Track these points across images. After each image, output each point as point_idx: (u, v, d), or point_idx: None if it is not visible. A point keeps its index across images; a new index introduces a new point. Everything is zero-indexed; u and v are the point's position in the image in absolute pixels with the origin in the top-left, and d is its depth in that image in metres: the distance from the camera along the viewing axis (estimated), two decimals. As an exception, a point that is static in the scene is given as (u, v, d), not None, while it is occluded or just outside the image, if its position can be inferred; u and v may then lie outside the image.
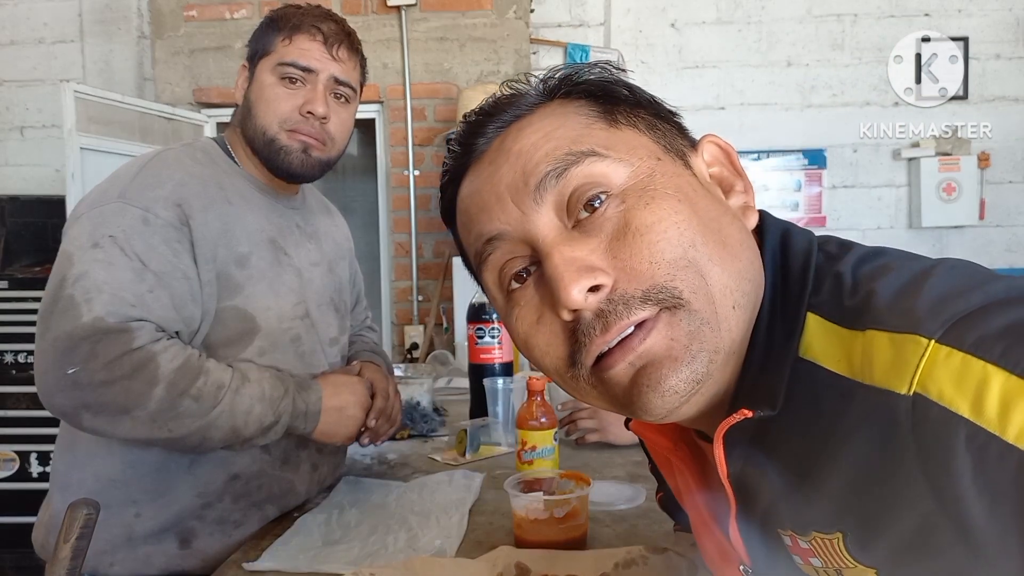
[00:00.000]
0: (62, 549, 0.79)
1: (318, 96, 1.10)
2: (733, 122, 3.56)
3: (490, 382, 1.53)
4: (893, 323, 0.42)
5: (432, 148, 3.35)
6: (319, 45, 1.11)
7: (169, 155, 1.09)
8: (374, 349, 1.38)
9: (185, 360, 0.96)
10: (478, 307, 1.64)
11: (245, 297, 1.05)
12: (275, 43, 1.10)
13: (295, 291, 1.12)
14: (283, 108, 1.10)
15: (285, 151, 1.11)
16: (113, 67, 3.50)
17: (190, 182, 1.04)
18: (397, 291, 3.43)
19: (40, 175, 3.48)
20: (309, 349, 1.13)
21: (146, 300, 0.96)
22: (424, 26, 3.30)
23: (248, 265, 1.06)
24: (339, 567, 0.90)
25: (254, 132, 1.12)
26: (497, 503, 1.11)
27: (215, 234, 1.03)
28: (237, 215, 1.07)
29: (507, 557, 0.84)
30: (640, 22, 3.54)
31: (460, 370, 2.45)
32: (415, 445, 1.51)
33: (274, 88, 1.10)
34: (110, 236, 0.96)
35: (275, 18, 1.13)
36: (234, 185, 1.11)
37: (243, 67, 1.16)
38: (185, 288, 1.00)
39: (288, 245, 1.14)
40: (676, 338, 0.46)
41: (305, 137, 1.11)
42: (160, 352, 0.94)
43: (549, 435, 1.17)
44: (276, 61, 1.10)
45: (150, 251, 0.97)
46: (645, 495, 1.12)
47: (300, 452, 1.13)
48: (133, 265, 0.96)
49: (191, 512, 1.05)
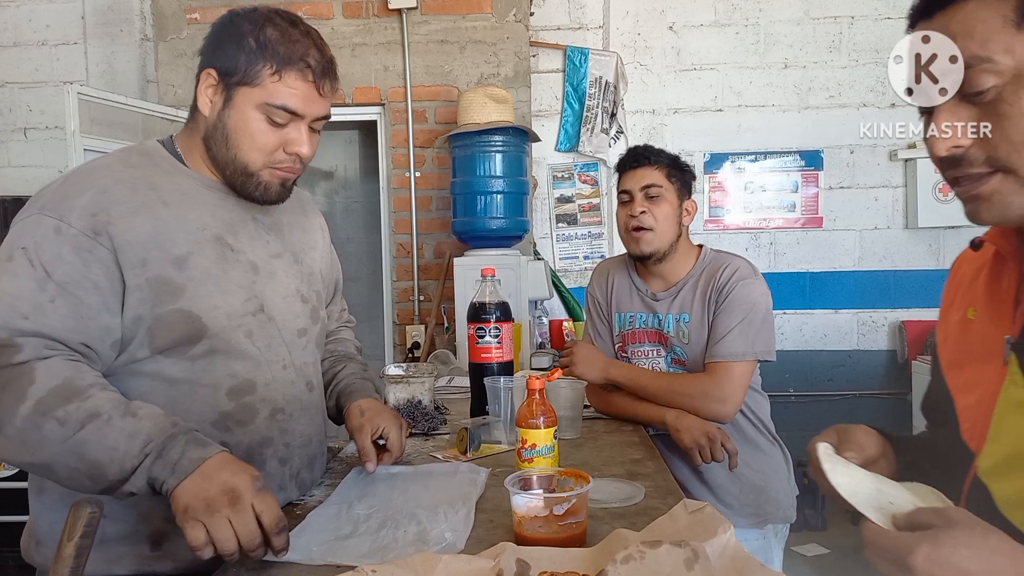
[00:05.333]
0: (66, 547, 0.79)
1: (304, 138, 1.09)
2: (731, 123, 3.58)
3: (490, 381, 1.54)
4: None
5: (433, 150, 3.37)
6: (309, 86, 1.07)
7: (99, 162, 1.07)
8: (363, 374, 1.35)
9: (64, 381, 0.91)
10: (478, 307, 1.65)
11: (188, 298, 1.02)
12: (262, 76, 1.05)
13: (245, 287, 1.09)
14: (269, 146, 1.08)
15: (265, 186, 1.11)
16: (116, 69, 3.52)
17: (115, 188, 1.02)
18: (399, 291, 3.45)
19: (43, 176, 3.50)
20: (266, 344, 1.10)
21: (44, 310, 0.94)
22: (425, 29, 3.32)
23: (188, 266, 1.03)
24: (351, 560, 0.92)
25: (229, 161, 1.09)
26: (498, 501, 1.12)
27: (144, 238, 1.01)
28: (173, 216, 1.04)
29: (507, 554, 0.85)
30: (639, 24, 3.56)
31: (461, 369, 2.46)
32: (416, 443, 1.53)
33: (259, 124, 1.07)
34: (22, 248, 0.96)
35: (260, 40, 1.05)
36: (174, 184, 1.08)
37: (209, 75, 1.08)
38: (95, 298, 0.97)
39: (239, 240, 1.11)
40: (999, 191, 0.67)
41: (285, 173, 1.11)
42: (39, 368, 0.91)
43: (549, 433, 1.19)
44: (264, 100, 1.05)
45: (57, 260, 0.96)
46: (644, 493, 1.14)
47: (264, 450, 1.10)
48: (36, 275, 0.95)
49: (159, 513, 1.02)
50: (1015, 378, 0.71)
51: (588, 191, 3.64)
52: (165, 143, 1.15)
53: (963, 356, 0.82)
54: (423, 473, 1.27)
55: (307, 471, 1.21)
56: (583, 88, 3.54)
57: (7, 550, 2.78)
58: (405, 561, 0.86)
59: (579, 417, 1.59)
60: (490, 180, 2.93)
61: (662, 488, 1.18)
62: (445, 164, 3.32)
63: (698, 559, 0.76)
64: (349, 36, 3.27)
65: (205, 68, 1.09)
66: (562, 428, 1.35)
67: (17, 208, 1.05)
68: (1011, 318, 0.74)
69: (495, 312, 1.65)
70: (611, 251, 3.62)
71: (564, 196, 3.65)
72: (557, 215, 3.65)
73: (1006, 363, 0.73)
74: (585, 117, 3.55)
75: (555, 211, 3.65)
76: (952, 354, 0.85)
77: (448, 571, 0.84)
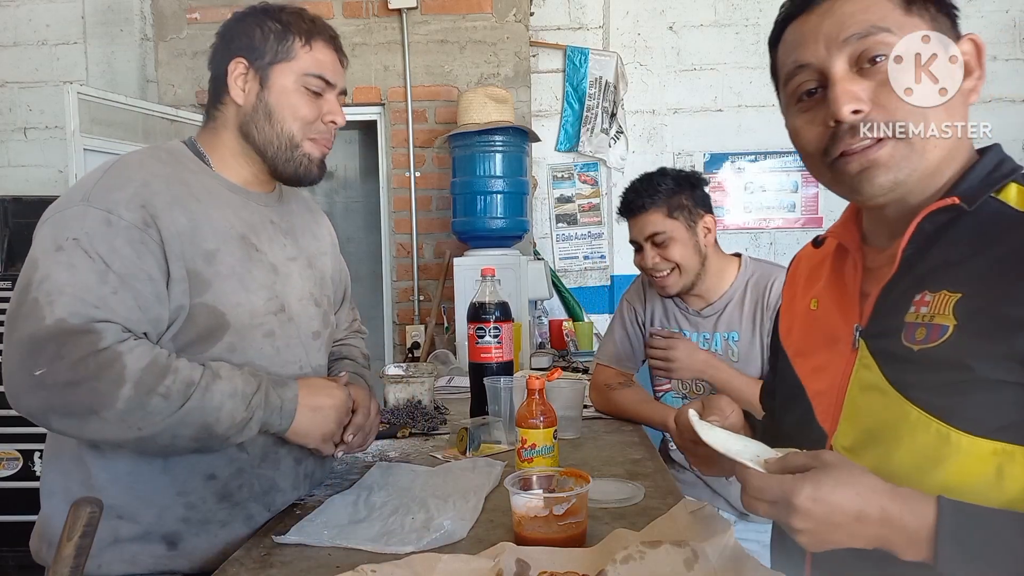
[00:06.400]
0: (66, 547, 0.80)
1: (338, 107, 1.16)
2: (731, 124, 3.58)
3: (490, 381, 1.54)
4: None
5: (433, 150, 3.37)
6: (334, 54, 1.15)
7: (133, 158, 1.09)
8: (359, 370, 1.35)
9: (152, 359, 0.96)
10: (478, 307, 1.65)
11: (214, 293, 1.04)
12: (295, 49, 1.12)
13: (267, 287, 1.11)
14: (310, 116, 1.13)
15: (308, 158, 1.15)
16: (116, 69, 3.52)
17: (153, 182, 1.04)
18: (399, 291, 3.45)
19: (43, 176, 3.50)
20: (285, 344, 1.13)
21: (109, 301, 0.96)
22: (425, 29, 3.32)
23: (215, 262, 1.05)
24: (359, 543, 0.96)
25: (274, 137, 1.12)
26: (498, 500, 1.12)
27: (182, 231, 1.03)
28: (204, 212, 1.07)
29: (507, 554, 0.85)
30: (639, 25, 3.56)
31: (461, 369, 2.46)
32: (416, 443, 1.53)
33: (300, 96, 1.12)
34: (73, 239, 0.97)
35: (285, 23, 1.13)
36: (200, 183, 1.10)
37: (239, 64, 1.11)
38: (149, 289, 0.99)
39: (261, 241, 1.13)
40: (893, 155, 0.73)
41: (324, 146, 1.16)
42: (126, 352, 0.94)
43: (549, 433, 1.19)
44: (301, 71, 1.12)
45: (113, 253, 0.97)
46: (644, 492, 1.14)
47: (279, 449, 1.12)
48: (96, 267, 0.96)
49: (175, 514, 1.04)
50: (865, 361, 0.77)
51: (588, 191, 3.64)
52: (188, 144, 1.17)
53: (809, 346, 0.89)
54: (443, 469, 1.30)
55: (319, 471, 1.24)
56: (583, 88, 3.54)
57: (7, 550, 2.78)
58: (405, 561, 0.86)
59: (579, 417, 1.59)
60: (490, 180, 2.93)
61: (662, 488, 1.18)
62: (445, 164, 3.32)
63: (698, 559, 0.76)
64: (349, 36, 3.28)
65: (232, 59, 1.12)
66: (562, 428, 1.35)
67: (17, 208, 1.06)
68: (858, 308, 0.81)
69: (495, 312, 1.65)
70: (611, 252, 3.62)
71: (564, 196, 3.65)
72: (557, 215, 3.65)
73: (855, 349, 0.79)
74: (585, 117, 3.55)
75: (555, 211, 3.65)
76: (798, 344, 0.92)
77: (448, 571, 0.85)
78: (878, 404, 0.75)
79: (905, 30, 0.72)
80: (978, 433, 0.67)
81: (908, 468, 0.71)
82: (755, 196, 3.62)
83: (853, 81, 0.73)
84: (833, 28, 0.74)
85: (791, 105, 0.81)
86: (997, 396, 0.67)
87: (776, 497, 0.65)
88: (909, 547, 0.63)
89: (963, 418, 0.68)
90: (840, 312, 0.84)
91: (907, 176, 0.74)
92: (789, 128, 0.82)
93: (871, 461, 0.72)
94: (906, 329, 0.73)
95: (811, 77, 0.77)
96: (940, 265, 0.73)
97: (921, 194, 0.76)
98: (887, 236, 0.81)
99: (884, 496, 0.64)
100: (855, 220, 0.87)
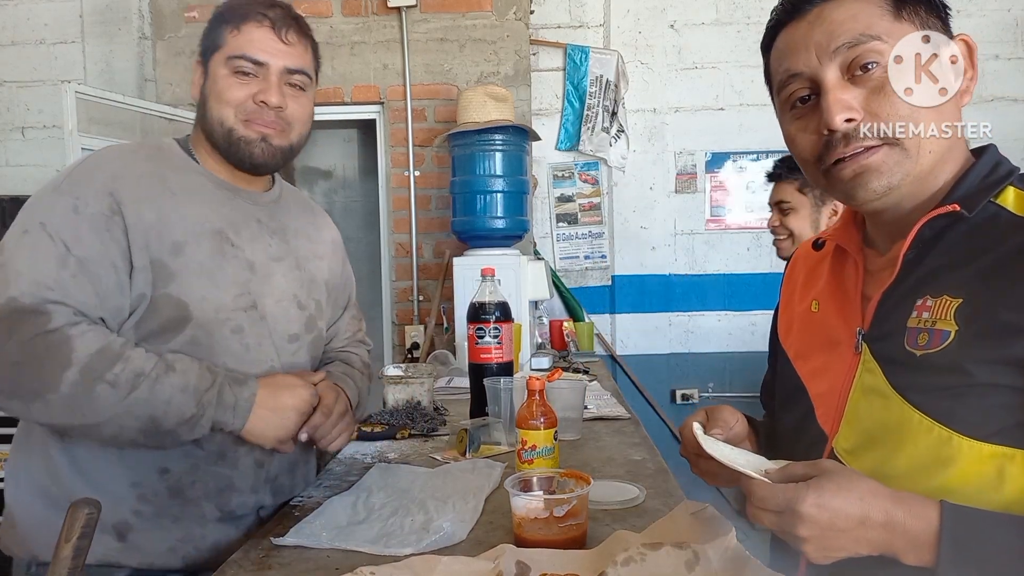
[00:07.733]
0: (63, 548, 0.79)
1: (271, 86, 1.11)
2: (732, 122, 3.57)
3: (490, 382, 1.54)
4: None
5: (432, 149, 3.36)
6: (267, 31, 1.11)
7: (112, 151, 1.11)
8: (347, 371, 1.30)
9: (104, 345, 0.95)
10: (478, 307, 1.65)
11: (179, 285, 1.04)
12: (224, 36, 1.11)
13: (240, 283, 1.10)
14: (236, 97, 1.11)
15: (244, 141, 1.12)
16: (114, 68, 3.51)
17: (124, 175, 1.05)
18: (398, 291, 3.44)
19: (41, 176, 3.49)
20: (255, 342, 1.11)
21: (66, 284, 0.96)
22: (424, 27, 3.31)
23: (183, 254, 1.05)
24: (358, 545, 0.95)
25: (212, 125, 1.13)
26: (498, 502, 1.12)
27: (147, 224, 1.03)
28: (175, 205, 1.07)
29: (507, 556, 0.84)
30: (639, 23, 3.55)
31: (460, 370, 2.46)
32: (416, 444, 1.52)
33: (227, 79, 1.11)
34: (40, 223, 0.98)
35: (222, 12, 1.14)
36: (182, 180, 1.11)
37: (197, 64, 1.16)
38: (112, 278, 1.00)
39: (240, 238, 1.13)
40: (886, 161, 0.74)
41: (261, 127, 1.12)
42: (76, 336, 0.94)
43: (549, 434, 1.18)
44: (227, 55, 1.11)
45: (77, 239, 0.98)
46: (645, 494, 1.13)
47: (238, 448, 1.10)
48: (57, 250, 0.97)
49: (127, 505, 1.04)
50: (868, 365, 0.78)
51: (588, 190, 3.63)
52: (180, 142, 1.18)
53: (810, 347, 0.89)
54: (443, 470, 1.29)
55: (286, 477, 1.20)
56: (584, 87, 3.53)
57: (6, 550, 2.77)
58: (405, 563, 0.86)
59: (580, 418, 1.58)
60: (490, 179, 2.92)
61: (662, 489, 1.17)
62: (444, 163, 3.31)
63: (699, 561, 0.76)
64: (348, 34, 3.26)
65: (195, 61, 1.17)
66: (562, 429, 1.34)
67: (16, 208, 1.06)
68: (859, 311, 0.82)
69: (495, 312, 1.64)
70: (611, 251, 3.62)
71: (564, 195, 3.64)
72: (557, 215, 3.64)
73: (858, 352, 0.79)
74: (586, 116, 3.54)
75: (555, 210, 3.64)
76: (799, 346, 0.92)
77: (447, 573, 0.84)
78: (880, 407, 0.75)
79: (895, 36, 0.73)
80: (978, 437, 0.68)
81: (909, 471, 0.71)
82: (757, 195, 3.61)
83: (845, 89, 0.74)
84: (823, 37, 0.75)
85: (785, 112, 0.82)
86: (996, 400, 0.67)
87: (781, 506, 0.65)
88: (912, 551, 0.63)
89: (964, 422, 0.68)
90: (841, 315, 0.85)
91: (900, 180, 0.75)
92: (784, 134, 0.84)
93: (872, 464, 0.72)
94: (908, 334, 0.74)
95: (803, 85, 0.78)
96: (940, 270, 0.74)
97: (916, 198, 0.77)
98: (886, 240, 0.82)
99: (887, 500, 0.64)
100: (855, 223, 0.88)
